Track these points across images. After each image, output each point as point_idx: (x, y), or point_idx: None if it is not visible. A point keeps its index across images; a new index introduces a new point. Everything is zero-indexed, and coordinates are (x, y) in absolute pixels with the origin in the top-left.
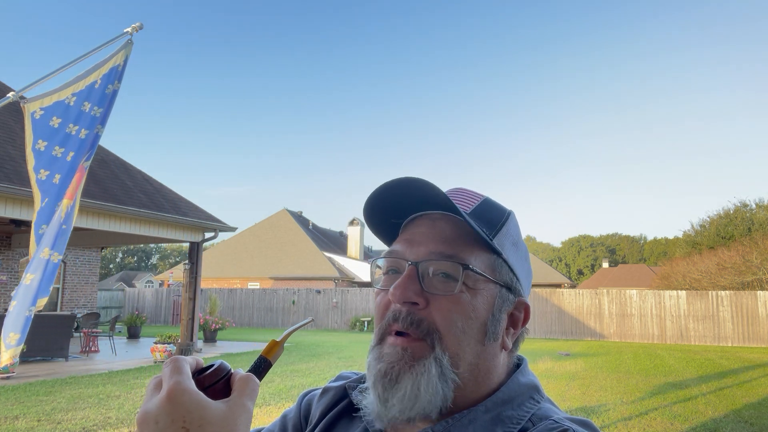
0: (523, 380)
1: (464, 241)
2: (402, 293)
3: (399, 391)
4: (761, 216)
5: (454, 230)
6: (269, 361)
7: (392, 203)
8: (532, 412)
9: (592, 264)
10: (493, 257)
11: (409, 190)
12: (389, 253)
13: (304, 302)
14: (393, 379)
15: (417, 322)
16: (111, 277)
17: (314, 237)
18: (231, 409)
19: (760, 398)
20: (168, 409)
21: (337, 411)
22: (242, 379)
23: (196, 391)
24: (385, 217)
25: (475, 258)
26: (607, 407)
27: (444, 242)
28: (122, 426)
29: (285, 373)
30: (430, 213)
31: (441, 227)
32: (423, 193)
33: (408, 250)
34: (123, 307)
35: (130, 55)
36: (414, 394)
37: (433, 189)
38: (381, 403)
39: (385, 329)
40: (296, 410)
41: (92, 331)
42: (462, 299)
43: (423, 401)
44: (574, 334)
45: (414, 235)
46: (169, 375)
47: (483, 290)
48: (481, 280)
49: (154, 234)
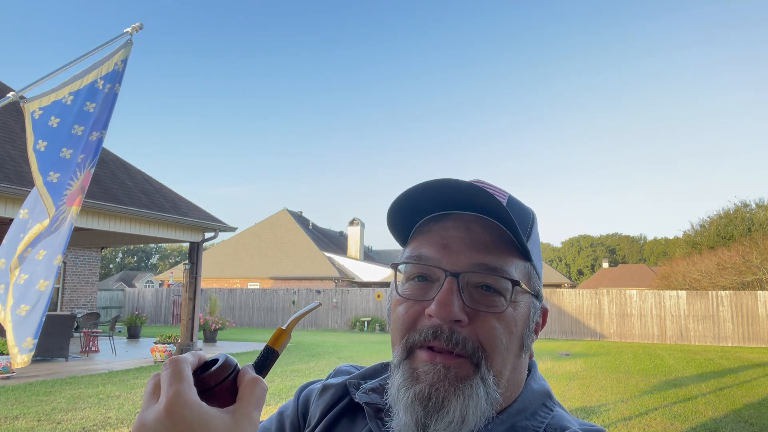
0: (535, 387)
1: (503, 249)
2: (448, 311)
3: (445, 417)
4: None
5: (492, 236)
6: (276, 351)
7: (420, 202)
8: (547, 421)
9: (592, 264)
10: (527, 265)
11: (440, 189)
12: (418, 258)
13: (304, 302)
14: (438, 403)
15: (462, 341)
16: (111, 277)
17: (314, 237)
18: (236, 423)
19: (760, 398)
20: (167, 424)
21: (338, 410)
22: (249, 384)
23: (198, 402)
24: (410, 217)
25: (515, 269)
26: (607, 407)
27: (484, 251)
28: (122, 426)
29: (285, 373)
30: (460, 214)
31: (478, 232)
32: (449, 190)
33: (444, 258)
34: (123, 307)
35: (129, 57)
36: (462, 418)
37: (468, 186)
38: (419, 428)
39: (419, 344)
40: (294, 407)
41: (92, 331)
42: (507, 315)
43: (469, 425)
44: (574, 334)
45: (448, 240)
46: (168, 382)
47: (521, 302)
48: (521, 292)
49: (154, 234)
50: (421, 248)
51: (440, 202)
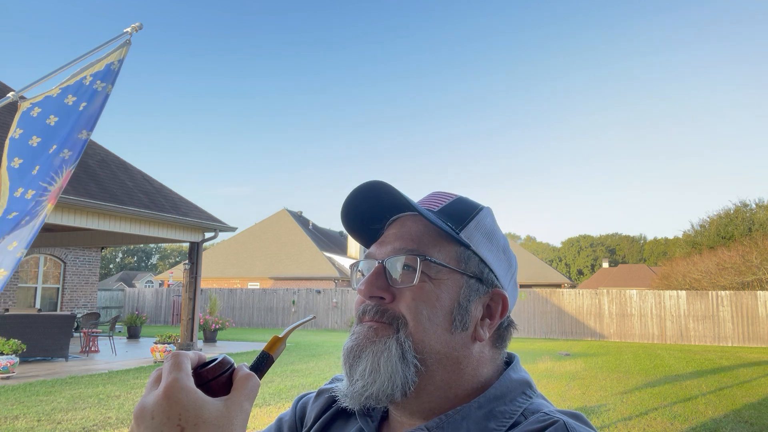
0: (515, 376)
1: (430, 237)
2: (368, 288)
3: (360, 365)
4: (761, 216)
5: (421, 228)
6: (272, 357)
7: (366, 209)
8: (525, 406)
9: (592, 264)
10: (460, 249)
11: (378, 194)
12: (365, 255)
13: (304, 302)
14: (357, 354)
15: (384, 312)
16: (111, 277)
17: (314, 237)
18: (228, 409)
19: (760, 398)
20: (164, 406)
21: (332, 412)
22: (243, 378)
23: (194, 389)
24: (364, 223)
25: (438, 251)
26: (607, 407)
27: (410, 239)
28: (122, 426)
29: (285, 373)
30: (402, 216)
31: (409, 227)
32: (391, 197)
33: (378, 251)
34: (123, 307)
35: (125, 58)
36: (373, 368)
37: (397, 193)
38: (348, 379)
39: (358, 322)
40: (291, 414)
41: (92, 331)
42: (425, 288)
43: (383, 377)
44: (574, 334)
45: (385, 237)
46: (168, 370)
47: (447, 280)
48: (444, 271)
49: (154, 234)
50: (371, 248)
51: (383, 207)
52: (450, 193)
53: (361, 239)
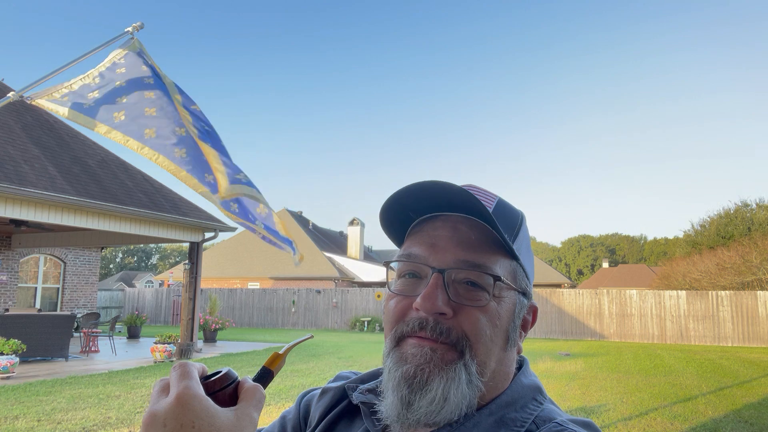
0: (525, 382)
1: (488, 248)
2: (432, 305)
3: (428, 394)
4: (761, 216)
5: (478, 235)
6: (272, 372)
7: (410, 203)
8: (536, 414)
9: (592, 264)
10: (513, 264)
11: (432, 192)
12: (408, 256)
13: (304, 302)
14: (422, 381)
15: (446, 331)
16: (111, 277)
17: (314, 237)
18: (239, 419)
19: (760, 398)
20: (177, 413)
21: (337, 412)
22: (250, 389)
23: (205, 397)
24: (402, 216)
25: (499, 266)
26: (607, 407)
27: (469, 249)
28: (122, 426)
29: (285, 373)
30: (448, 215)
31: (464, 232)
32: (442, 192)
33: (431, 256)
34: (123, 307)
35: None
36: (443, 397)
37: (458, 189)
38: (404, 405)
39: (407, 334)
40: (295, 411)
41: (92, 331)
42: (490, 308)
43: (451, 406)
44: (574, 334)
45: (436, 239)
46: (178, 379)
47: (506, 298)
48: (504, 288)
49: (154, 234)
50: (411, 247)
51: (430, 203)
52: (486, 189)
53: (395, 234)
